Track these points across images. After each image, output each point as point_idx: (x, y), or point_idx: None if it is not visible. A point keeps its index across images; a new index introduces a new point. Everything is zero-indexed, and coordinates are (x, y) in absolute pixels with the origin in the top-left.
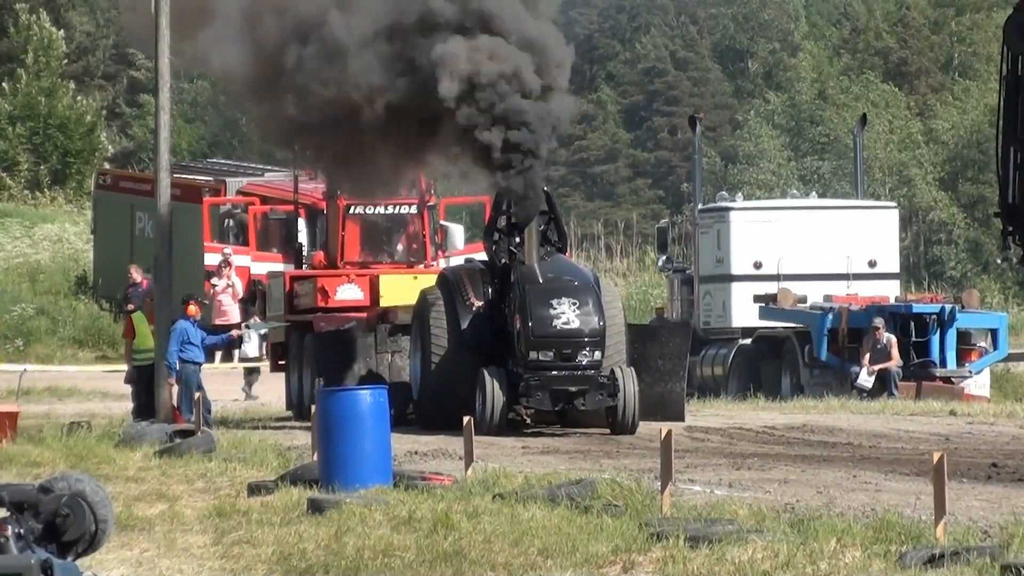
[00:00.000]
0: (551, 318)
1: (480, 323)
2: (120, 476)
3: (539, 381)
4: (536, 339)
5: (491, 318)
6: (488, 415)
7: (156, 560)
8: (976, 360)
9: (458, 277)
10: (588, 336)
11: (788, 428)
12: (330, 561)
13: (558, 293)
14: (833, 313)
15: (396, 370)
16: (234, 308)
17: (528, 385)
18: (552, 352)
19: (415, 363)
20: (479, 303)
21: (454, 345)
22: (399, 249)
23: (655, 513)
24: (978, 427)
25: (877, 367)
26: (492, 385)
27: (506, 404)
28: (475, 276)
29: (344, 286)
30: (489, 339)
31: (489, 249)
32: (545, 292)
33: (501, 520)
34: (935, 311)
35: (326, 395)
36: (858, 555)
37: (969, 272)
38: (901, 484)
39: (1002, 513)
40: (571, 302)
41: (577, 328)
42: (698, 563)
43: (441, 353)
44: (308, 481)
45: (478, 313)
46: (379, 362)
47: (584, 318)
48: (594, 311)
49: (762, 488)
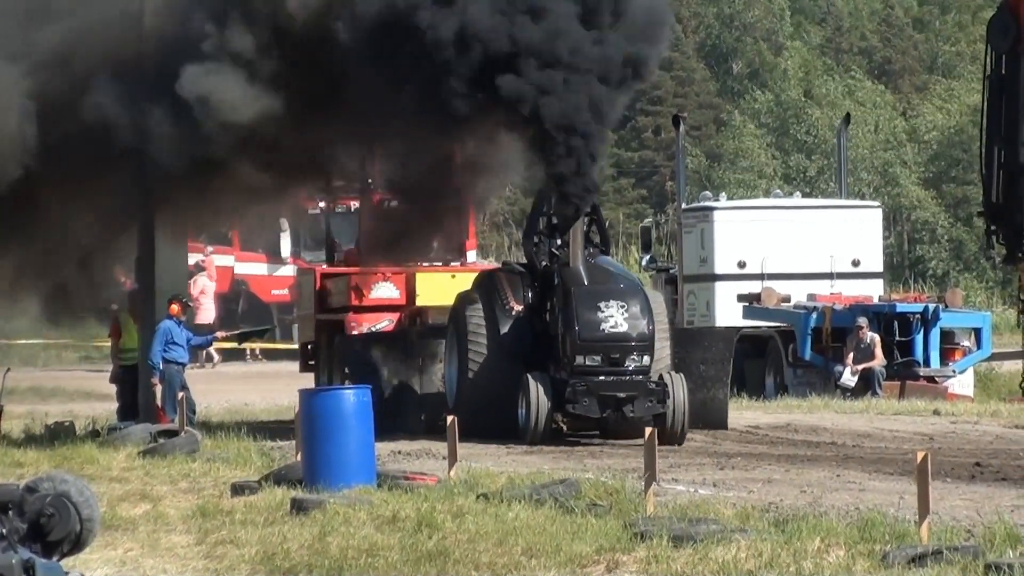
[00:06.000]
0: (599, 322)
1: (520, 328)
2: (104, 476)
3: (586, 387)
4: (583, 343)
5: (531, 323)
6: (532, 422)
7: (140, 560)
8: (960, 359)
9: (497, 280)
10: (636, 340)
11: (772, 427)
12: (314, 561)
13: (606, 296)
14: (817, 312)
15: (427, 375)
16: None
17: (575, 391)
18: (599, 357)
19: (451, 370)
20: (519, 307)
21: (493, 351)
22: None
23: (639, 513)
24: (962, 426)
25: (861, 366)
26: (537, 391)
27: (551, 411)
28: (515, 280)
29: (379, 284)
30: (529, 345)
31: (529, 251)
32: (592, 295)
33: (485, 520)
34: (919, 310)
35: (309, 395)
36: (842, 554)
37: (953, 271)
38: (885, 483)
39: (986, 512)
40: (619, 305)
41: (625, 332)
42: (682, 562)
43: (480, 360)
44: (292, 481)
45: (518, 318)
46: (410, 366)
47: (632, 322)
48: (643, 315)
49: (746, 487)
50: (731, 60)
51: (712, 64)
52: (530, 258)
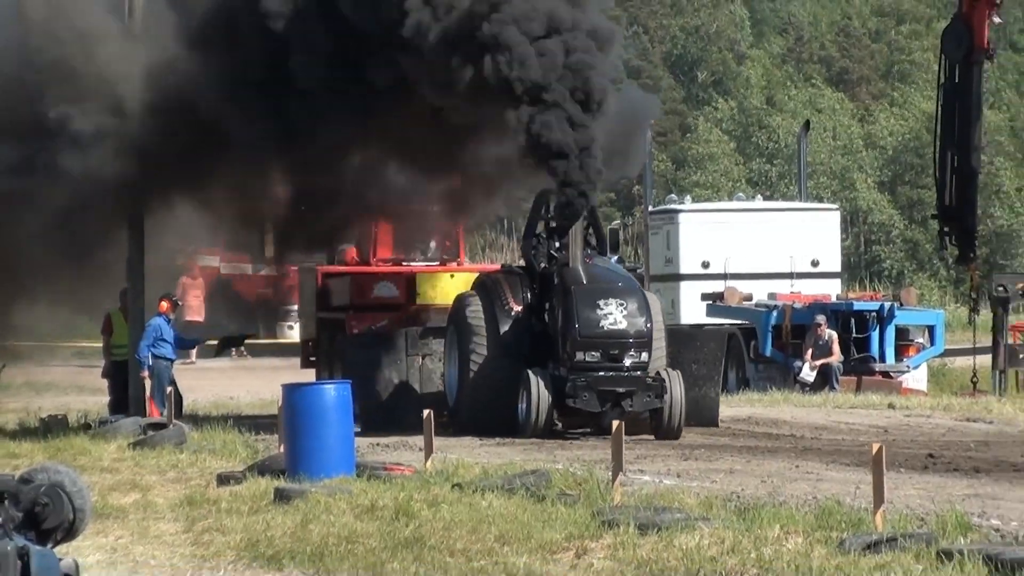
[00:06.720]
0: (598, 319)
1: (520, 327)
2: (95, 467)
3: (586, 382)
4: (583, 339)
5: (530, 322)
6: (533, 417)
7: (130, 547)
8: (914, 355)
9: (496, 282)
10: (634, 337)
11: (734, 420)
12: (296, 548)
13: (604, 294)
14: (777, 310)
15: (426, 374)
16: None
17: (575, 386)
18: (599, 353)
19: (451, 370)
20: (518, 307)
21: (493, 350)
22: (432, 247)
23: (606, 502)
24: (915, 419)
25: (819, 362)
26: (538, 385)
27: (551, 405)
28: (513, 281)
29: (380, 283)
30: (529, 343)
31: (528, 253)
32: (591, 293)
33: (460, 508)
34: (875, 308)
35: (292, 390)
36: (800, 541)
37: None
38: (841, 474)
39: (938, 501)
40: (618, 303)
41: (624, 329)
42: (647, 549)
43: (480, 359)
44: (275, 472)
45: (517, 318)
46: (409, 365)
47: (631, 319)
48: (640, 313)
49: (709, 478)
50: (696, 69)
51: (678, 73)
52: (529, 260)
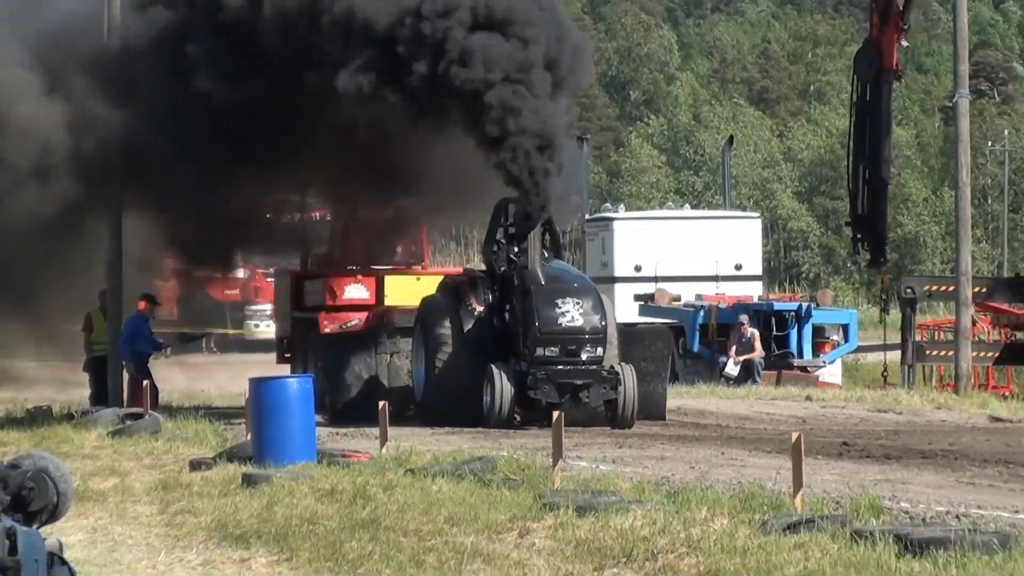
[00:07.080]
0: (556, 316)
1: (482, 326)
2: (77, 454)
3: (546, 375)
4: (543, 336)
5: (492, 321)
6: (497, 408)
7: (109, 527)
8: (829, 352)
9: (459, 284)
10: (590, 333)
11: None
12: (262, 528)
13: (562, 294)
14: (704, 310)
15: (395, 370)
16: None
17: (536, 379)
18: (557, 348)
19: (418, 367)
20: (480, 308)
21: (458, 347)
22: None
23: (547, 486)
24: (831, 410)
25: (742, 358)
26: (501, 378)
27: (514, 397)
28: (476, 283)
29: (351, 285)
30: (491, 341)
31: (489, 258)
32: (550, 293)
33: (412, 492)
34: (793, 308)
35: (258, 383)
36: (726, 523)
37: (823, 274)
38: (763, 460)
39: (852, 485)
40: (575, 302)
41: (580, 326)
42: (585, 529)
43: (445, 357)
44: (243, 458)
45: (480, 317)
46: (379, 362)
47: (587, 317)
48: (595, 311)
49: (641, 464)
50: (628, 88)
51: (612, 92)
52: (490, 263)
